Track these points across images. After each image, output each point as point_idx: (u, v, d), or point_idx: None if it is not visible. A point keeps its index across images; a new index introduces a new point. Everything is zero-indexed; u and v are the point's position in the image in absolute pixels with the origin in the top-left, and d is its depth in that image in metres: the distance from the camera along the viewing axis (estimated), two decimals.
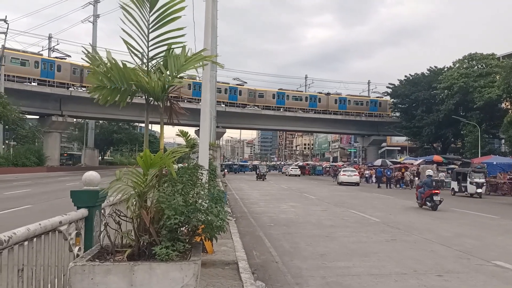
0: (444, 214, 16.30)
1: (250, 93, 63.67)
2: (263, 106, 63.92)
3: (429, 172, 19.83)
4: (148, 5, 3.66)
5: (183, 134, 6.61)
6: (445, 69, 54.31)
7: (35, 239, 3.02)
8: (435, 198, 17.45)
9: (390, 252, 8.80)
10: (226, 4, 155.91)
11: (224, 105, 60.67)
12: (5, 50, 47.49)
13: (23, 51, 50.28)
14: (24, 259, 2.88)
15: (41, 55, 51.21)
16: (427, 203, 17.71)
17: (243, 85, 65.04)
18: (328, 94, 68.09)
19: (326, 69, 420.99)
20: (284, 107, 64.78)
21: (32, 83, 49.20)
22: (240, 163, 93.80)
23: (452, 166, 36.00)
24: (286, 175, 63.32)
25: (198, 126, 9.45)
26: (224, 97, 61.33)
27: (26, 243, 2.90)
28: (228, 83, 63.33)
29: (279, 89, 67.05)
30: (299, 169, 65.52)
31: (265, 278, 6.51)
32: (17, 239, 2.74)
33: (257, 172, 48.55)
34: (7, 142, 50.36)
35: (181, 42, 3.89)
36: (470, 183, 25.85)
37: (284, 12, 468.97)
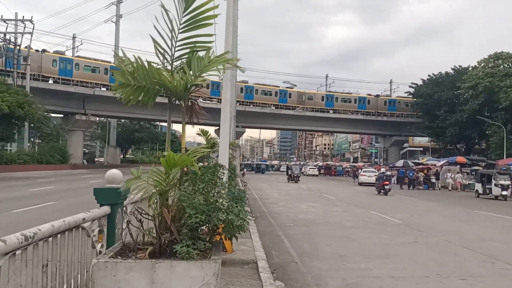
0: (467, 217, 15.98)
1: (299, 95, 64.30)
2: (314, 108, 64.37)
3: (383, 169, 29.32)
4: (184, 5, 3.68)
5: (204, 133, 6.63)
6: (470, 68, 53.18)
7: (59, 236, 3.06)
8: (386, 187, 25.47)
9: (411, 254, 8.66)
10: (246, 4, 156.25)
11: (274, 107, 62.31)
12: (77, 58, 50.74)
13: (94, 59, 52.84)
14: (48, 255, 2.93)
15: (110, 62, 52.68)
16: (381, 191, 25.61)
17: (293, 88, 65.93)
18: (377, 96, 67.83)
19: (346, 68, 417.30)
20: (333, 109, 64.95)
21: (102, 88, 51.32)
22: (260, 162, 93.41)
23: (476, 167, 35.25)
24: (304, 175, 63.24)
25: (218, 125, 9.50)
26: (274, 100, 62.29)
27: (50, 239, 2.95)
28: (278, 86, 64.53)
29: (328, 91, 67.48)
30: (317, 169, 65.91)
31: (284, 278, 6.48)
32: (42, 235, 2.79)
33: (289, 174, 41.85)
34: (32, 140, 51.64)
35: (207, 44, 3.91)
36: (495, 185, 25.27)
37: (304, 10, 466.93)
